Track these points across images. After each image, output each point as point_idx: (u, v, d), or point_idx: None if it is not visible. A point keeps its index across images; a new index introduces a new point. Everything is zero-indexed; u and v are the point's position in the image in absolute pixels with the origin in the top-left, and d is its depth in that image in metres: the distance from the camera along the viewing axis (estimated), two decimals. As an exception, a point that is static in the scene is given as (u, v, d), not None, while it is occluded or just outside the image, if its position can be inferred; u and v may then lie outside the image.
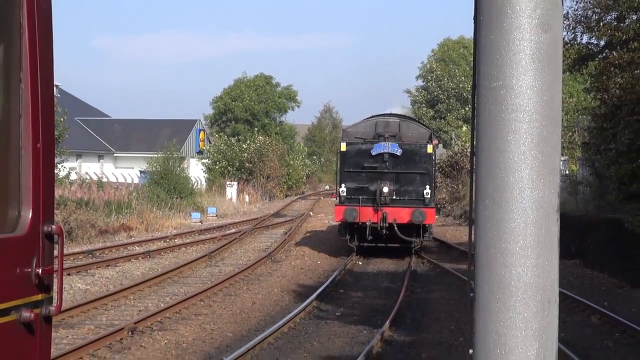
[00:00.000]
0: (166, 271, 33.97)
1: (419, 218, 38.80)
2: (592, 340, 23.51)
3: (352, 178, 40.54)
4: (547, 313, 4.95)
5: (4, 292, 5.67)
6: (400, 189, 40.18)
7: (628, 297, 31.98)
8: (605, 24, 40.44)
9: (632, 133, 34.94)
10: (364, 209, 39.36)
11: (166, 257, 40.07)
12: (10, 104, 5.93)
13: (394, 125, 41.98)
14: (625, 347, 22.94)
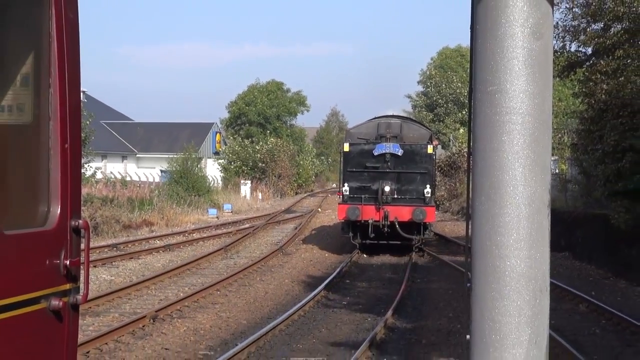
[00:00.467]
0: (185, 263, 34.00)
1: (420, 216, 37.63)
2: (580, 326, 23.51)
3: (355, 177, 39.38)
4: (538, 301, 4.95)
5: (35, 282, 5.68)
6: (402, 188, 39.00)
7: (613, 287, 32.01)
8: (592, 33, 40.52)
9: (617, 135, 35.03)
10: (366, 208, 38.26)
11: (185, 250, 40.09)
12: (40, 107, 5.93)
13: (395, 127, 40.83)
14: (611, 333, 22.95)
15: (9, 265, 5.32)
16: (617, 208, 35.38)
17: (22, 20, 5.86)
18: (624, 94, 36.10)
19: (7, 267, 5.31)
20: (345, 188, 39.01)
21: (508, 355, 4.91)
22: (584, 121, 40.52)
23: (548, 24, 4.98)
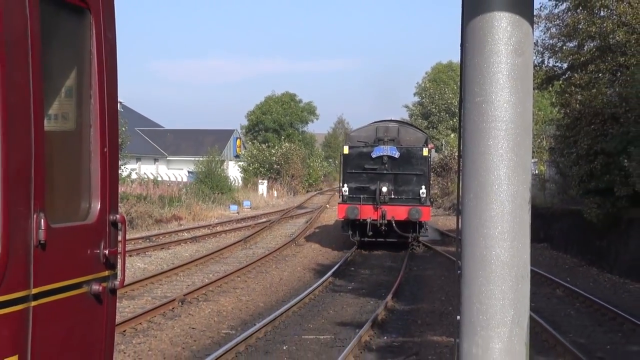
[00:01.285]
0: (209, 253, 34.03)
1: (416, 215, 35.81)
2: (557, 308, 23.50)
3: (354, 178, 37.50)
4: (520, 286, 4.94)
5: (78, 269, 5.69)
6: (398, 188, 37.09)
7: (586, 274, 31.98)
8: (568, 50, 40.62)
9: (589, 140, 35.13)
10: (364, 207, 36.42)
11: (209, 242, 40.11)
12: (82, 116, 5.93)
13: (393, 130, 39.08)
14: (584, 314, 22.94)
15: (55, 254, 5.33)
16: (589, 204, 35.45)
17: (67, 39, 5.87)
18: (596, 104, 36.20)
19: (54, 256, 5.32)
20: (344, 188, 37.46)
21: (493, 333, 4.91)
22: (560, 128, 40.58)
23: (528, 42, 4.97)
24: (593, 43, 39.39)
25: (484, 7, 4.91)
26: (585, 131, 35.71)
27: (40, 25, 5.20)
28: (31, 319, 5.15)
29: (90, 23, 5.86)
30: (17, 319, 5.05)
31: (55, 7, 5.46)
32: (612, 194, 33.84)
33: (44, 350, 5.25)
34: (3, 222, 4.90)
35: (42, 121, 5.25)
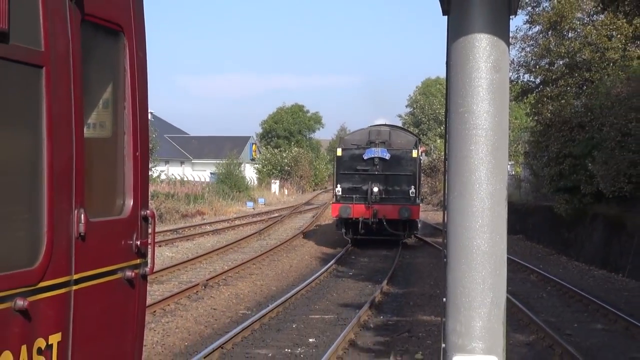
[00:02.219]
0: (229, 243, 34.04)
1: (405, 214, 33.30)
2: (530, 292, 23.50)
3: (347, 179, 34.82)
4: (498, 272, 4.93)
5: (114, 257, 5.69)
6: (389, 188, 34.43)
7: (557, 262, 31.98)
8: (540, 68, 40.72)
9: (559, 145, 35.21)
10: (356, 206, 33.75)
11: (229, 234, 40.12)
12: (117, 124, 5.94)
13: (384, 133, 36.12)
14: (554, 297, 22.94)
15: (93, 244, 5.34)
16: (559, 201, 35.57)
17: (103, 57, 5.88)
18: (565, 113, 36.33)
19: (92, 246, 5.32)
20: (338, 189, 34.99)
21: (475, 313, 4.90)
22: (534, 134, 40.66)
23: (505, 60, 4.96)
24: (562, 61, 39.58)
25: (466, 30, 4.90)
26: (555, 137, 35.82)
27: (80, 45, 5.21)
28: (72, 301, 5.15)
29: (123, 43, 5.87)
30: (61, 301, 5.05)
31: (93, 30, 5.47)
32: (579, 192, 33.92)
33: (83, 329, 5.26)
34: (48, 217, 4.92)
35: (82, 129, 5.25)
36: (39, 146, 4.89)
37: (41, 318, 4.85)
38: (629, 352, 15.93)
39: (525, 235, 40.67)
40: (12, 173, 4.89)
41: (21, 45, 4.70)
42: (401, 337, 17.00)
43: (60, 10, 5.04)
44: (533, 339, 17.00)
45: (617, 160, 29.96)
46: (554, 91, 39.51)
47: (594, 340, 17.05)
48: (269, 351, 15.40)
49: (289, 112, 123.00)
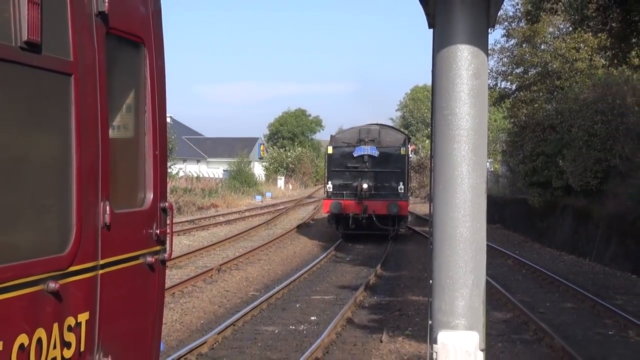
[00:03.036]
0: (239, 232, 34.07)
1: (394, 210, 30.85)
2: (507, 275, 23.53)
3: (338, 176, 32.14)
4: (479, 257, 4.91)
5: (136, 244, 5.69)
6: (378, 185, 31.81)
7: (531, 248, 32.03)
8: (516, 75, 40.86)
9: (532, 144, 35.36)
10: (347, 202, 31.17)
11: (240, 224, 40.14)
12: (139, 126, 5.93)
13: (374, 132, 33.24)
14: (529, 279, 22.97)
15: (118, 233, 5.33)
16: (533, 194, 35.71)
17: (126, 66, 5.87)
18: (538, 116, 36.49)
19: (117, 234, 5.32)
20: (329, 185, 32.34)
21: (458, 294, 4.88)
22: (510, 135, 40.78)
23: (484, 68, 4.95)
24: (535, 70, 39.72)
25: (449, 42, 4.88)
26: (529, 137, 35.97)
27: (105, 55, 5.20)
28: (99, 284, 5.15)
29: (144, 54, 5.87)
30: (88, 283, 5.05)
31: (117, 42, 5.46)
32: (550, 186, 34.02)
33: (109, 308, 5.26)
34: (77, 209, 4.91)
35: (107, 131, 5.25)
36: (68, 146, 4.89)
37: (71, 299, 4.84)
38: (595, 328, 15.96)
39: (503, 225, 40.72)
40: (45, 170, 4.89)
41: (52, 56, 4.69)
42: (393, 315, 17.03)
43: (87, 24, 5.04)
44: (510, 317, 17.01)
45: (584, 158, 30.07)
46: (527, 96, 39.59)
47: (564, 317, 17.08)
48: (276, 328, 15.42)
49: (293, 115, 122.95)
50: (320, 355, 13.11)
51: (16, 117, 4.61)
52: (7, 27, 4.33)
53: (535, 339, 14.84)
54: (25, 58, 4.44)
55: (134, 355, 5.75)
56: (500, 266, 25.09)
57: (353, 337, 14.75)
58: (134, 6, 5.72)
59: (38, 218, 4.87)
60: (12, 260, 4.39)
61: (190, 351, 12.71)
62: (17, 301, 4.37)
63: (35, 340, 4.50)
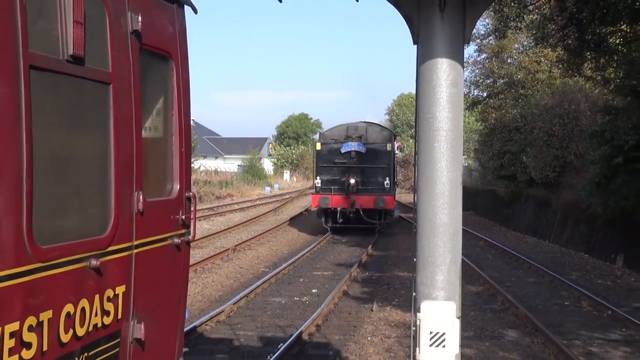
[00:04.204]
0: (251, 218, 34.09)
1: (380, 204, 27.67)
2: (479, 254, 23.55)
3: (326, 171, 28.87)
4: (455, 239, 4.92)
5: (165, 228, 5.68)
6: (365, 180, 28.55)
7: (498, 231, 32.05)
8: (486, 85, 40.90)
9: (500, 143, 35.51)
10: (335, 197, 28.05)
11: (251, 211, 40.16)
12: (167, 128, 5.92)
13: (361, 129, 29.81)
14: (498, 258, 23.01)
15: (149, 218, 5.33)
16: (500, 185, 35.82)
17: (157, 77, 5.86)
18: (505, 120, 36.58)
19: (148, 219, 5.32)
20: (317, 181, 29.11)
21: (437, 270, 4.89)
22: (481, 135, 40.83)
23: (460, 78, 4.95)
24: (502, 80, 39.74)
25: (431, 56, 4.88)
26: (497, 138, 36.02)
27: (139, 67, 5.20)
28: (133, 261, 5.15)
29: (172, 66, 5.86)
30: (124, 261, 5.06)
31: (149, 56, 5.46)
32: (515, 179, 34.09)
33: (142, 283, 5.26)
34: (115, 198, 4.92)
35: (140, 131, 5.24)
36: (107, 144, 4.89)
37: (109, 274, 4.85)
38: (553, 299, 15.99)
39: (475, 212, 40.75)
40: (88, 164, 4.90)
41: (94, 68, 4.69)
42: (382, 288, 17.05)
43: (123, 40, 5.04)
44: (481, 289, 17.05)
45: (544, 155, 30.13)
46: (496, 103, 39.60)
47: (527, 290, 17.11)
48: (282, 299, 15.44)
49: (297, 119, 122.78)
50: (321, 322, 13.13)
51: (64, 120, 4.62)
52: (55, 43, 4.33)
53: (503, 309, 14.86)
54: (71, 69, 4.44)
55: (163, 322, 5.76)
56: (473, 247, 25.12)
57: (348, 307, 14.77)
58: (163, 25, 5.71)
59: (82, 205, 4.86)
60: (61, 241, 4.41)
61: (210, 319, 12.74)
62: (65, 276, 4.38)
63: (79, 309, 4.51)
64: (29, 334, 4.04)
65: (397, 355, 11.05)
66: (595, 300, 15.36)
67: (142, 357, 5.28)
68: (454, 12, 4.88)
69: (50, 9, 4.29)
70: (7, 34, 3.89)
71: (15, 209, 3.94)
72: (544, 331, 12.24)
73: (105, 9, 4.82)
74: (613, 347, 11.96)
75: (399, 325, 13.05)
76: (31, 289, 4.06)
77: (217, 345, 11.42)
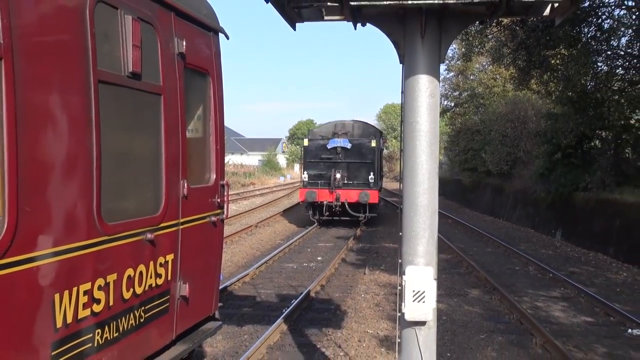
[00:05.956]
0: (269, 201, 34.03)
1: (365, 198, 23.24)
2: (449, 230, 23.46)
3: (313, 167, 24.26)
4: (432, 218, 4.89)
5: (204, 209, 5.67)
6: (350, 175, 23.95)
7: (463, 212, 31.90)
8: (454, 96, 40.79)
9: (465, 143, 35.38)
10: (321, 191, 23.63)
11: (269, 196, 40.09)
12: (205, 130, 5.90)
13: (348, 126, 25.17)
14: (462, 232, 22.94)
15: (192, 201, 5.32)
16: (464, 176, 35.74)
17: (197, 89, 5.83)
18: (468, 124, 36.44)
19: (191, 202, 5.31)
20: (304, 175, 24.51)
21: (418, 242, 4.87)
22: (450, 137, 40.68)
23: (437, 91, 4.91)
24: (466, 93, 39.60)
25: (413, 72, 4.84)
26: (462, 138, 35.90)
27: (183, 82, 5.18)
28: (180, 235, 5.14)
29: (209, 81, 5.83)
30: (173, 234, 5.05)
31: (191, 73, 5.44)
32: (476, 170, 34.00)
33: (186, 252, 5.25)
34: (165, 185, 4.91)
35: (185, 133, 5.23)
36: (159, 143, 4.87)
37: (161, 245, 4.84)
38: (507, 265, 15.95)
39: (445, 197, 40.60)
40: (144, 159, 4.88)
41: (148, 82, 4.67)
42: (372, 256, 17.02)
43: (171, 60, 5.01)
44: (450, 257, 17.01)
45: (499, 152, 30.07)
46: (461, 111, 39.52)
47: (486, 258, 17.07)
48: (294, 265, 15.42)
49: (305, 123, 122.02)
50: (324, 283, 13.12)
51: (125, 123, 4.60)
52: (118, 62, 4.32)
53: (467, 272, 14.84)
54: (130, 83, 4.42)
55: (203, 282, 5.76)
56: (443, 224, 25.04)
57: (346, 271, 14.75)
58: (202, 48, 5.68)
59: (140, 191, 4.85)
60: (123, 219, 4.40)
61: (238, 280, 12.73)
62: (127, 247, 4.38)
63: (137, 272, 4.51)
64: (99, 292, 4.05)
65: (384, 308, 11.04)
66: (539, 265, 15.33)
67: (186, 310, 5.28)
68: (431, 39, 4.84)
69: (114, 35, 4.28)
70: (81, 56, 3.89)
71: (87, 193, 3.93)
72: (500, 290, 12.23)
73: (157, 36, 4.80)
74: (554, 302, 11.95)
75: (386, 285, 13.04)
76: (100, 257, 4.06)
77: (244, 301, 11.43)
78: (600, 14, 19.15)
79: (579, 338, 9.52)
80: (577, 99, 20.12)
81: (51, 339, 3.60)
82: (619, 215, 17.49)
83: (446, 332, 9.64)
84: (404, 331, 4.92)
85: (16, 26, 3.32)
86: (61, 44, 3.72)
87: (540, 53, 19.33)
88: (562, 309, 11.37)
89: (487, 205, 31.58)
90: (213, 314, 6.03)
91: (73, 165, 3.79)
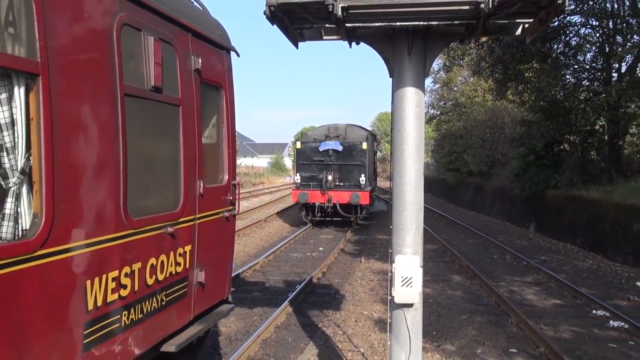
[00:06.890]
0: (277, 199, 33.98)
1: (356, 199, 20.85)
2: (435, 224, 23.42)
3: (305, 169, 22.05)
4: (419, 212, 4.90)
5: (218, 205, 5.66)
6: (342, 177, 21.49)
7: (448, 207, 31.84)
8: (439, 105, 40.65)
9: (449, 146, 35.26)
10: (313, 193, 21.32)
11: (277, 194, 40.04)
12: (219, 136, 5.90)
13: (340, 129, 22.32)
14: (447, 225, 22.89)
15: (208, 199, 5.33)
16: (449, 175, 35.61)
17: (212, 101, 5.83)
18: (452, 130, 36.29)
19: (207, 200, 5.31)
20: (297, 177, 22.28)
21: (406, 233, 4.87)
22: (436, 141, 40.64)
23: (422, 101, 4.91)
24: (450, 102, 39.48)
25: (402, 85, 4.85)
26: (447, 142, 35.83)
27: (200, 94, 5.18)
28: (197, 229, 5.15)
29: (222, 93, 5.83)
30: (191, 228, 5.05)
31: (206, 86, 5.44)
32: (460, 171, 33.93)
33: (203, 244, 5.25)
34: (184, 185, 4.91)
35: (201, 139, 5.23)
36: (178, 148, 4.87)
37: (180, 237, 4.85)
38: (486, 254, 15.94)
39: (432, 194, 40.57)
40: (165, 162, 4.88)
41: (169, 94, 4.68)
42: (367, 247, 17.01)
43: (189, 76, 5.02)
44: (436, 247, 16.99)
45: (479, 154, 30.03)
46: (446, 118, 39.43)
47: (468, 248, 17.05)
48: (299, 254, 15.42)
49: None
50: (325, 270, 13.12)
51: (148, 131, 4.61)
52: (142, 77, 4.33)
53: (451, 261, 14.83)
54: (152, 96, 4.43)
55: (217, 270, 5.76)
56: (430, 218, 25.00)
57: (344, 259, 14.75)
58: (216, 64, 5.69)
59: (161, 190, 4.84)
60: (147, 214, 4.41)
61: (249, 268, 12.74)
62: (150, 239, 4.39)
63: (159, 261, 4.52)
64: (125, 279, 4.06)
65: (378, 293, 11.05)
66: (515, 254, 15.32)
67: (203, 294, 5.30)
68: (417, 55, 4.84)
69: (138, 54, 4.29)
70: (109, 72, 3.91)
71: (115, 192, 3.95)
72: (480, 276, 12.22)
73: (176, 54, 4.81)
74: (527, 287, 11.94)
75: (380, 272, 13.04)
76: (126, 248, 4.08)
77: (254, 286, 11.44)
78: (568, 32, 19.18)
79: (550, 318, 9.53)
80: (548, 108, 20.13)
81: (84, 319, 3.63)
82: (585, 210, 17.47)
83: (432, 313, 9.65)
84: (394, 312, 4.93)
85: (52, 46, 3.35)
86: (91, 62, 3.74)
87: (515, 67, 19.33)
88: (534, 293, 11.37)
89: (469, 201, 31.55)
90: (226, 298, 6.04)
91: (102, 167, 3.81)
